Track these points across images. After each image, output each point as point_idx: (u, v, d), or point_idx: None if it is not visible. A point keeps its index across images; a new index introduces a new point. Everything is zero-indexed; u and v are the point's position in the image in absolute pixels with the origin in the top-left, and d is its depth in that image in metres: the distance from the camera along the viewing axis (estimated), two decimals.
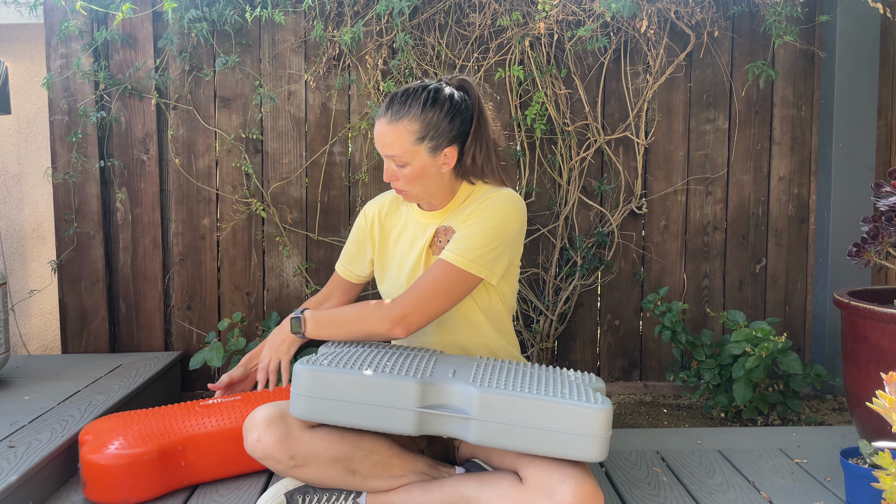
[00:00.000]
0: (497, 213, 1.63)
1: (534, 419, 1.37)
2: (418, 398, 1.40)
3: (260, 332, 2.71)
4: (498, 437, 1.39)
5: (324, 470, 1.51)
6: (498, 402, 1.38)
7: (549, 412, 1.37)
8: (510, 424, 1.38)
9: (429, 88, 1.64)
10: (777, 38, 2.66)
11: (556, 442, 1.36)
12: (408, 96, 1.62)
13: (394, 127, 1.60)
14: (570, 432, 1.36)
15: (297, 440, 1.49)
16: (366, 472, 1.53)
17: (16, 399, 2.14)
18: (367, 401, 1.41)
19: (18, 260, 2.94)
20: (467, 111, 1.66)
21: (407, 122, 1.60)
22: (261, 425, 1.49)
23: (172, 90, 2.73)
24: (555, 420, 1.36)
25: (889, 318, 1.72)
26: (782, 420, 2.54)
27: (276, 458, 1.48)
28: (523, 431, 1.37)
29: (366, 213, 1.84)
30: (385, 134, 1.61)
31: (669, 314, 2.63)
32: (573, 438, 1.35)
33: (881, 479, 1.28)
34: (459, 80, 1.71)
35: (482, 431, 1.39)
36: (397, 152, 1.61)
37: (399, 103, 1.61)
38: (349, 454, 1.51)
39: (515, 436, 1.38)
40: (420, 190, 1.66)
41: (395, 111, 1.61)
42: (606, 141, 2.76)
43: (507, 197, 1.66)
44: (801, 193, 2.85)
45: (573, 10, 2.64)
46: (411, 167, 1.62)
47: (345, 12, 2.69)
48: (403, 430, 1.42)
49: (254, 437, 1.50)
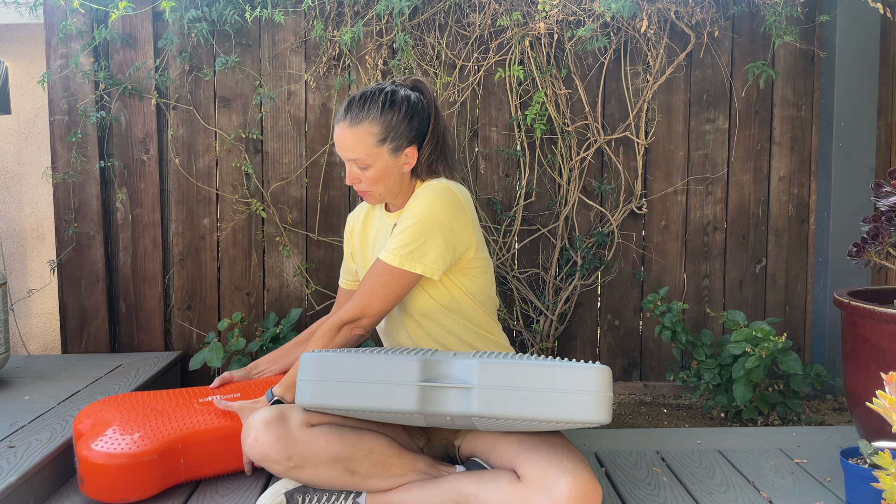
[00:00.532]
0: (422, 207, 1.62)
1: (535, 381, 1.39)
2: (420, 373, 1.43)
3: (259, 332, 2.71)
4: (500, 404, 1.40)
5: (322, 470, 1.51)
6: (498, 369, 1.42)
7: (549, 374, 1.40)
8: (512, 389, 1.40)
9: (385, 91, 1.66)
10: (777, 38, 2.66)
11: (558, 403, 1.38)
12: (365, 100, 1.65)
13: (354, 130, 1.63)
14: (572, 390, 1.37)
15: (295, 440, 1.49)
16: (365, 471, 1.53)
17: (16, 399, 2.14)
18: (371, 379, 1.43)
19: (18, 260, 2.94)
20: (424, 111, 1.70)
21: (367, 125, 1.63)
22: (259, 426, 1.49)
23: (172, 90, 2.73)
24: (556, 380, 1.39)
25: (889, 318, 1.72)
26: (782, 420, 2.54)
27: (274, 458, 1.48)
28: (525, 395, 1.39)
29: (348, 223, 1.92)
30: (346, 138, 1.64)
31: (669, 314, 2.63)
32: (575, 396, 1.37)
33: (881, 479, 1.28)
34: (414, 80, 1.74)
35: (484, 399, 1.40)
36: (360, 155, 1.64)
37: (357, 107, 1.64)
38: (348, 454, 1.51)
39: (517, 401, 1.39)
40: (383, 191, 1.70)
41: (354, 115, 1.64)
42: (606, 141, 2.76)
43: (433, 189, 1.64)
44: (801, 193, 2.85)
45: (573, 10, 2.64)
46: (374, 169, 1.65)
47: (345, 12, 2.69)
48: (406, 406, 1.42)
49: (252, 437, 1.50)
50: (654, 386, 2.87)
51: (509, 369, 1.41)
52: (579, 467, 1.40)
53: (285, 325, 2.63)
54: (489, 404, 1.40)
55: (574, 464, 1.41)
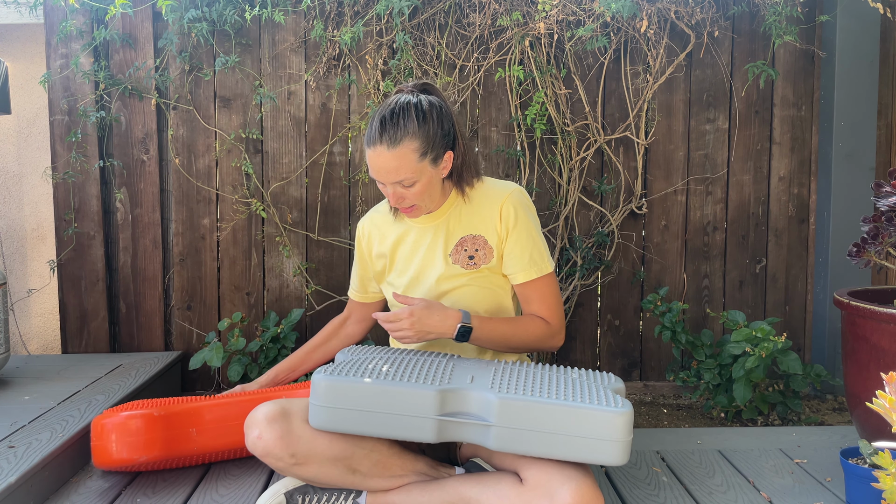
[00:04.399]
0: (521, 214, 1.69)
1: (554, 425, 1.36)
2: (437, 406, 1.39)
3: (259, 332, 2.71)
4: (518, 444, 1.38)
5: (324, 468, 1.51)
6: (518, 408, 1.37)
7: (569, 417, 1.35)
8: (530, 430, 1.37)
9: (413, 103, 1.60)
10: (777, 38, 2.66)
11: (576, 447, 1.35)
12: (398, 117, 1.57)
13: (395, 151, 1.56)
14: (592, 437, 1.34)
15: (298, 438, 1.49)
16: (366, 470, 1.53)
17: (16, 399, 2.14)
18: (387, 410, 1.40)
19: (18, 260, 2.94)
20: (448, 113, 1.66)
21: (408, 142, 1.57)
22: (262, 422, 1.50)
23: (172, 90, 2.73)
24: (576, 425, 1.35)
25: (889, 318, 1.72)
26: (782, 420, 2.54)
27: (277, 455, 1.48)
28: (544, 437, 1.36)
29: (361, 231, 1.85)
30: (387, 161, 1.57)
31: (669, 314, 2.63)
32: (594, 443, 1.34)
33: (881, 479, 1.28)
34: (423, 84, 1.70)
35: (502, 438, 1.38)
36: (405, 175, 1.58)
37: (392, 126, 1.56)
38: (350, 453, 1.51)
39: (536, 441, 1.37)
40: (428, 202, 1.67)
41: (391, 135, 1.56)
42: (606, 141, 2.76)
43: (515, 192, 1.70)
44: (801, 193, 2.85)
45: (573, 10, 2.64)
46: (420, 184, 1.61)
47: (345, 12, 2.69)
48: (424, 438, 1.41)
49: (255, 434, 1.50)
50: (654, 386, 2.87)
51: (530, 409, 1.37)
52: (583, 474, 1.39)
53: (286, 325, 2.64)
54: (507, 443, 1.38)
55: (578, 471, 1.40)
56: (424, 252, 1.72)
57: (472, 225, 1.70)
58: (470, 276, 1.70)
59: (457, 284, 1.70)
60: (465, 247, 1.70)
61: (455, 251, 1.70)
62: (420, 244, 1.73)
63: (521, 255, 1.68)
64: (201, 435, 1.79)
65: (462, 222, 1.71)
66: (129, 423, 1.71)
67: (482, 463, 1.59)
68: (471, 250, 1.70)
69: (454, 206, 1.73)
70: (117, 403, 2.13)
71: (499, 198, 1.69)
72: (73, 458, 1.83)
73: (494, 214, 1.68)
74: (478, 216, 1.70)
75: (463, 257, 1.70)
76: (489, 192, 1.71)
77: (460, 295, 1.71)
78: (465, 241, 1.70)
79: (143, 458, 1.71)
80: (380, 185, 1.63)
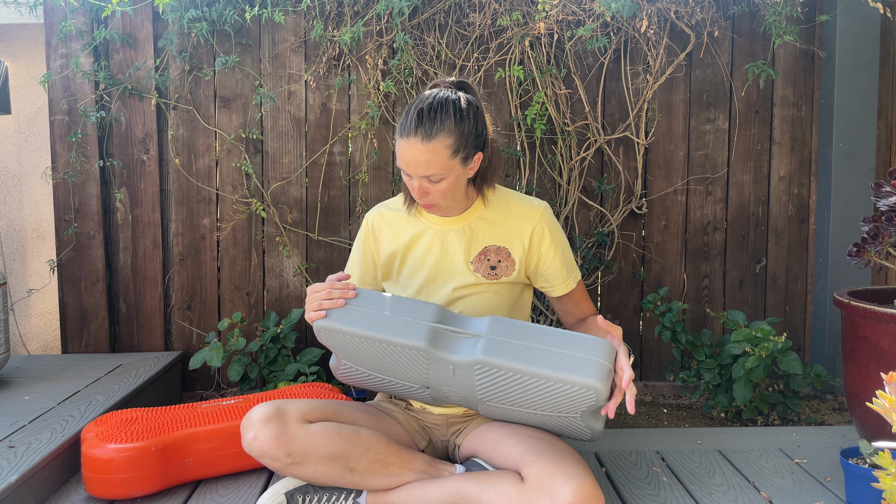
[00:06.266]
0: (556, 229, 1.74)
1: (543, 341, 1.43)
2: (434, 315, 1.48)
3: (260, 332, 2.71)
4: (505, 353, 1.43)
5: (321, 467, 1.51)
6: (508, 324, 1.47)
7: (557, 336, 1.44)
8: (518, 342, 1.43)
9: (452, 99, 1.57)
10: (777, 37, 2.66)
11: (562, 361, 1.41)
12: (436, 111, 1.54)
13: (429, 145, 1.53)
14: (578, 354, 1.41)
15: (293, 437, 1.49)
16: (364, 469, 1.53)
17: (16, 399, 2.14)
18: (390, 310, 1.49)
19: (18, 260, 2.94)
20: (482, 115, 1.64)
21: (442, 138, 1.53)
22: (257, 423, 1.50)
23: (172, 90, 2.73)
24: (564, 341, 1.43)
25: (889, 318, 1.72)
26: (782, 420, 2.54)
27: (273, 455, 1.48)
28: (531, 349, 1.43)
29: (369, 225, 1.79)
30: (420, 154, 1.53)
31: (669, 314, 2.63)
32: (581, 360, 1.40)
33: (881, 479, 1.28)
34: (460, 82, 1.67)
35: (490, 346, 1.43)
36: (435, 170, 1.55)
37: (430, 120, 1.53)
38: (346, 451, 1.52)
39: (522, 353, 1.42)
40: (450, 201, 1.65)
41: (427, 129, 1.53)
42: (606, 141, 2.76)
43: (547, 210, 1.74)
44: (801, 193, 2.85)
45: (573, 10, 2.64)
46: (446, 181, 1.58)
47: (345, 12, 2.69)
48: (415, 341, 1.45)
49: (251, 435, 1.50)
50: (654, 386, 2.87)
51: (519, 327, 1.46)
52: (583, 473, 1.40)
53: (286, 324, 2.64)
54: (494, 351, 1.43)
55: (578, 470, 1.40)
56: (442, 254, 1.70)
57: (499, 236, 1.69)
58: (488, 285, 1.70)
59: (473, 291, 1.70)
60: (488, 256, 1.69)
61: (478, 259, 1.69)
62: (437, 245, 1.71)
63: (560, 271, 1.73)
64: (198, 464, 1.76)
65: (487, 231, 1.70)
66: (124, 459, 1.65)
67: (482, 462, 1.58)
68: (493, 261, 1.69)
69: (478, 212, 1.71)
70: (117, 403, 2.13)
71: (530, 216, 1.70)
72: (73, 459, 1.83)
73: (524, 231, 1.69)
74: (504, 228, 1.69)
75: (485, 266, 1.69)
76: (517, 207, 1.71)
77: (475, 301, 1.70)
78: (489, 251, 1.69)
79: (140, 492, 1.68)
80: (405, 176, 1.61)
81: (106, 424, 1.77)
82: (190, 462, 1.74)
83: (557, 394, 1.43)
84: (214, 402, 1.96)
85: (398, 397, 1.79)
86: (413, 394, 1.64)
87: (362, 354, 1.54)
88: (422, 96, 1.59)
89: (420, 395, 1.63)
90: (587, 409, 1.46)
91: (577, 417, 1.50)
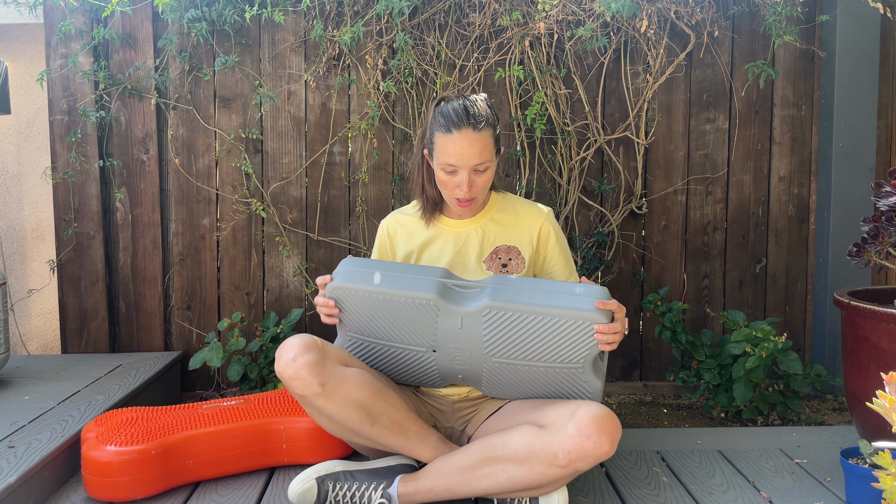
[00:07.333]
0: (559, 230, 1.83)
1: (545, 286, 1.55)
2: (443, 274, 1.60)
3: (259, 332, 2.71)
4: (511, 296, 1.52)
5: (346, 410, 1.55)
6: (511, 279, 1.58)
7: (558, 284, 1.56)
8: (523, 288, 1.55)
9: (480, 99, 1.71)
10: (777, 37, 2.66)
11: (564, 299, 1.51)
12: (475, 106, 1.67)
13: (481, 134, 1.65)
14: (577, 293, 1.53)
15: (330, 371, 1.53)
16: (383, 425, 1.58)
17: (16, 399, 2.14)
18: (401, 270, 1.59)
19: (18, 260, 2.94)
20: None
21: (487, 128, 1.66)
22: (298, 346, 1.53)
23: (172, 90, 2.73)
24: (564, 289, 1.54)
25: (889, 318, 1.72)
26: (782, 420, 2.54)
27: (306, 381, 1.50)
28: (534, 291, 1.54)
29: (385, 231, 1.87)
30: (474, 142, 1.64)
31: (669, 314, 2.63)
32: (579, 297, 1.52)
33: (881, 479, 1.28)
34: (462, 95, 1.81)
35: (497, 292, 1.54)
36: (486, 158, 1.66)
37: (474, 113, 1.65)
38: (372, 402, 1.56)
39: (528, 293, 1.53)
40: (484, 195, 1.76)
41: (476, 119, 1.65)
42: (606, 141, 2.76)
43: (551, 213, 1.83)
44: (801, 193, 2.85)
45: (573, 9, 2.64)
46: (490, 171, 1.70)
47: (345, 12, 2.69)
48: (425, 291, 1.53)
49: (289, 356, 1.52)
50: (654, 386, 2.87)
51: (521, 279, 1.57)
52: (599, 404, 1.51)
53: (286, 325, 2.63)
54: (501, 296, 1.52)
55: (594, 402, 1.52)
56: (455, 254, 1.78)
57: (509, 236, 1.78)
58: None
59: None
60: (499, 255, 1.77)
61: (490, 258, 1.77)
62: (450, 246, 1.79)
63: (563, 269, 1.82)
64: (198, 466, 1.76)
65: (498, 232, 1.79)
66: (124, 462, 1.64)
67: None
68: (504, 259, 1.77)
69: (489, 214, 1.80)
70: (117, 403, 2.13)
71: (537, 217, 1.80)
72: (72, 459, 1.83)
73: (533, 231, 1.79)
74: (514, 228, 1.79)
75: (496, 265, 1.77)
76: (524, 210, 1.82)
77: None
78: (500, 251, 1.77)
79: (140, 495, 1.67)
80: (448, 174, 1.68)
81: (106, 424, 1.76)
82: (190, 464, 1.74)
83: (561, 334, 1.52)
84: (215, 402, 1.96)
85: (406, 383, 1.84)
86: (420, 368, 1.68)
87: (372, 317, 1.60)
88: (449, 100, 1.70)
89: (428, 370, 1.68)
90: (589, 352, 1.53)
91: (580, 368, 1.57)
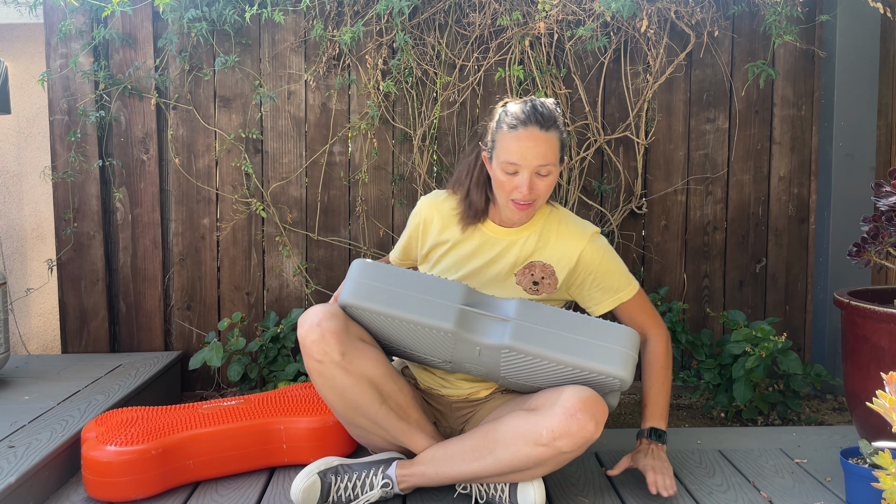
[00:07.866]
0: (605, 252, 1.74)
1: (571, 328, 1.45)
2: (463, 297, 1.49)
3: (259, 332, 2.71)
4: (533, 339, 1.44)
5: (360, 386, 1.54)
6: (536, 308, 1.48)
7: (586, 323, 1.47)
8: (546, 329, 1.45)
9: (548, 103, 1.65)
10: (777, 37, 2.66)
11: (589, 349, 1.43)
12: (544, 107, 1.62)
13: (548, 135, 1.59)
14: (605, 343, 1.43)
15: (352, 343, 1.53)
16: (390, 406, 1.59)
17: (16, 399, 2.14)
18: (418, 291, 1.48)
19: (18, 260, 2.94)
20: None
21: (554, 130, 1.61)
22: (322, 314, 1.52)
23: (172, 90, 2.73)
24: (591, 330, 1.45)
25: (889, 318, 1.72)
26: (782, 420, 2.54)
27: (328, 348, 1.50)
28: (558, 336, 1.44)
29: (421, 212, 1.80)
30: (541, 142, 1.58)
31: (669, 314, 2.63)
32: (607, 349, 1.43)
33: (881, 479, 1.28)
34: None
35: (519, 332, 1.45)
36: (552, 159, 1.60)
37: (541, 113, 1.60)
38: (384, 382, 1.56)
39: (550, 339, 1.44)
40: (542, 203, 1.68)
41: (544, 120, 1.59)
42: (606, 141, 2.76)
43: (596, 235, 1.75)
44: (801, 193, 2.85)
45: (573, 9, 2.64)
46: (553, 176, 1.63)
47: (345, 12, 2.69)
48: (444, 323, 1.45)
49: (314, 320, 1.51)
50: None
51: (548, 312, 1.48)
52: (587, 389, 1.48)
53: (286, 324, 2.64)
54: (523, 338, 1.44)
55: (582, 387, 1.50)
56: (489, 260, 1.72)
57: (546, 253, 1.71)
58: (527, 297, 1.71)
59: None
60: (532, 271, 1.71)
61: (522, 272, 1.71)
62: (483, 251, 1.73)
63: (606, 293, 1.76)
64: (199, 467, 1.75)
65: (538, 246, 1.71)
66: (124, 462, 1.64)
67: None
68: (537, 276, 1.70)
69: (534, 227, 1.73)
70: (117, 403, 2.13)
71: (579, 240, 1.71)
72: (73, 459, 1.83)
73: (572, 255, 1.71)
74: (554, 247, 1.72)
75: (528, 280, 1.70)
76: (567, 229, 1.73)
77: None
78: (535, 266, 1.71)
79: (140, 496, 1.66)
80: (508, 175, 1.61)
81: (106, 424, 1.76)
82: (190, 464, 1.74)
83: (582, 379, 1.48)
84: (215, 402, 1.96)
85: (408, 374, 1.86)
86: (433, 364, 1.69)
87: (387, 331, 1.57)
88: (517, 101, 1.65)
89: (440, 366, 1.68)
90: (608, 393, 1.51)
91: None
